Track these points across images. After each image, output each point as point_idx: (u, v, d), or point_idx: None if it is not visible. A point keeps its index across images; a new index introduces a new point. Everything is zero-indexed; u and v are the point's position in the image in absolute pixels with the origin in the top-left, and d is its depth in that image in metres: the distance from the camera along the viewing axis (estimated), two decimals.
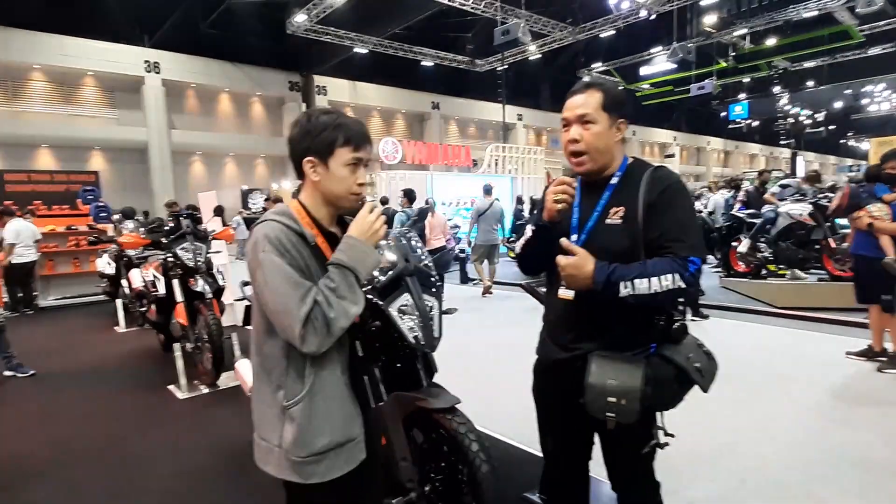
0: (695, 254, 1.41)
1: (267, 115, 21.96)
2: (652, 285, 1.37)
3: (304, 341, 1.23)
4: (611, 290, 1.40)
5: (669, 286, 1.37)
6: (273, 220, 1.31)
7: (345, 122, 1.36)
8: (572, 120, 1.54)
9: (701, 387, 1.50)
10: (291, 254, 1.27)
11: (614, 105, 1.52)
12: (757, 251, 7.35)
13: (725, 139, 37.24)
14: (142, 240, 4.75)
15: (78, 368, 5.07)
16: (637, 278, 1.38)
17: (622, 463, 1.62)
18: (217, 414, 3.80)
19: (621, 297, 1.39)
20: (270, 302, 1.26)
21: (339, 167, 1.35)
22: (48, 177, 10.18)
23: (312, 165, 1.35)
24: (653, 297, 1.38)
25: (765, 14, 18.50)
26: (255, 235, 1.30)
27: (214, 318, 4.17)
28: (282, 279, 1.24)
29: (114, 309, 7.10)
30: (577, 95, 1.54)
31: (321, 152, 1.34)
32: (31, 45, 15.97)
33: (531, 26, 18.18)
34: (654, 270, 1.39)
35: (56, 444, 3.36)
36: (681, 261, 1.39)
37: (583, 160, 1.54)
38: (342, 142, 1.34)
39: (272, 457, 1.35)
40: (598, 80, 1.58)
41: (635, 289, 1.38)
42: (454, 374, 2.32)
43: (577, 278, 1.44)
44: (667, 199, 1.46)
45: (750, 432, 3.11)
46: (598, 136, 1.51)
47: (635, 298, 1.39)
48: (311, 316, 1.22)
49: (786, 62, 25.16)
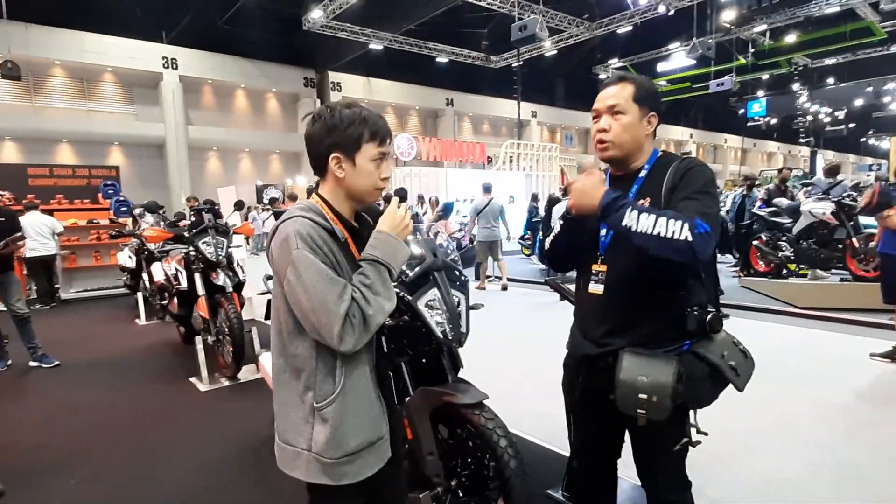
0: (705, 220, 1.33)
1: (282, 112, 22.11)
2: (657, 225, 1.30)
3: (341, 340, 1.19)
4: (614, 213, 1.36)
5: (676, 233, 1.29)
6: (301, 215, 1.27)
7: (368, 116, 1.33)
8: (602, 110, 1.53)
9: (736, 386, 1.49)
10: (323, 250, 1.24)
11: (646, 98, 1.51)
12: (778, 250, 7.25)
13: (743, 137, 36.72)
14: (165, 233, 4.81)
15: (100, 360, 5.16)
16: (644, 213, 1.33)
17: (653, 460, 1.61)
18: (238, 407, 3.84)
19: (624, 227, 1.34)
20: (305, 300, 1.21)
21: (366, 162, 1.32)
22: (70, 171, 10.33)
23: (338, 161, 1.31)
24: (655, 240, 1.31)
25: (785, 10, 18.16)
26: (283, 232, 1.26)
27: (235, 311, 4.21)
28: (318, 276, 1.20)
29: (134, 302, 7.21)
30: (609, 87, 1.54)
31: (348, 148, 1.31)
32: (53, 41, 16.24)
33: (547, 22, 18.04)
34: (664, 213, 1.33)
35: (80, 434, 3.42)
36: (689, 218, 1.32)
37: (607, 146, 1.53)
38: (368, 137, 1.31)
39: (300, 461, 1.30)
40: (632, 75, 1.57)
41: (639, 223, 1.32)
42: (476, 370, 2.32)
43: (586, 195, 1.41)
44: (688, 177, 1.46)
45: (772, 432, 3.07)
46: (627, 127, 1.50)
47: (637, 237, 1.33)
48: (349, 313, 1.20)
49: (806, 59, 24.73)
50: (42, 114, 17.05)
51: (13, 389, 4.38)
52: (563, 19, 19.74)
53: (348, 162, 1.32)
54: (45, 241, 7.92)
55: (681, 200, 1.41)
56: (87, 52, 16.88)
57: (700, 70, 22.05)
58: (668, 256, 1.32)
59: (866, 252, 6.25)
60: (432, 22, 18.52)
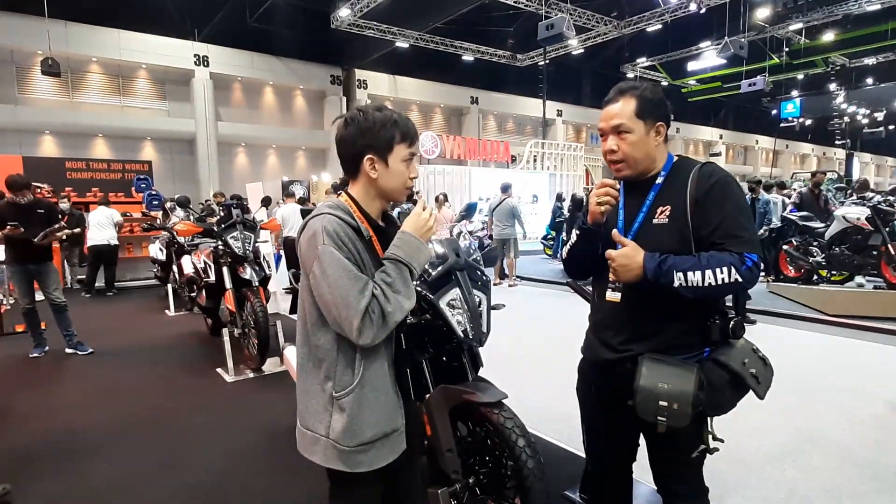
0: (750, 249, 1.37)
1: (308, 109, 22.40)
2: (706, 278, 1.34)
3: (360, 334, 1.25)
4: (663, 280, 1.37)
5: (725, 280, 1.33)
6: (329, 213, 1.33)
7: (399, 118, 1.39)
8: (608, 131, 1.52)
9: (756, 393, 1.47)
10: (348, 247, 1.29)
11: (650, 110, 1.48)
12: (809, 255, 7.07)
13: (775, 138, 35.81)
14: (195, 227, 4.94)
15: (132, 348, 5.33)
16: (690, 271, 1.35)
17: (670, 467, 1.60)
18: (263, 398, 3.93)
19: (675, 288, 1.36)
20: (328, 294, 1.27)
21: (398, 163, 1.38)
22: (105, 165, 10.67)
23: (372, 163, 1.37)
24: (708, 291, 1.35)
25: (823, 8, 17.60)
26: (311, 228, 1.32)
27: (261, 304, 4.31)
28: (341, 272, 1.26)
29: (164, 293, 7.42)
30: (610, 105, 1.52)
31: (381, 149, 1.36)
32: (91, 38, 16.77)
33: (575, 20, 17.87)
34: (708, 263, 1.35)
35: (114, 419, 3.55)
36: (737, 255, 1.35)
37: (621, 167, 1.53)
38: (400, 138, 1.37)
39: (318, 446, 1.37)
40: (633, 85, 1.53)
41: (688, 281, 1.35)
42: (495, 369, 2.34)
43: (628, 269, 1.42)
44: (716, 195, 1.42)
45: (799, 442, 3.01)
46: (635, 146, 1.49)
47: (690, 291, 1.36)
48: (369, 309, 1.25)
49: (843, 58, 23.94)
50: (79, 109, 17.62)
51: (51, 375, 4.56)
52: (591, 17, 19.51)
53: (381, 163, 1.37)
54: (104, 230, 8.37)
55: (718, 236, 1.40)
56: (123, 49, 17.38)
57: (731, 69, 21.56)
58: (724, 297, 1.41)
59: None
60: (458, 20, 18.53)
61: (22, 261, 4.76)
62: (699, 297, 1.37)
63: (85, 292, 8.54)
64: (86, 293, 8.52)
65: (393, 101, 23.71)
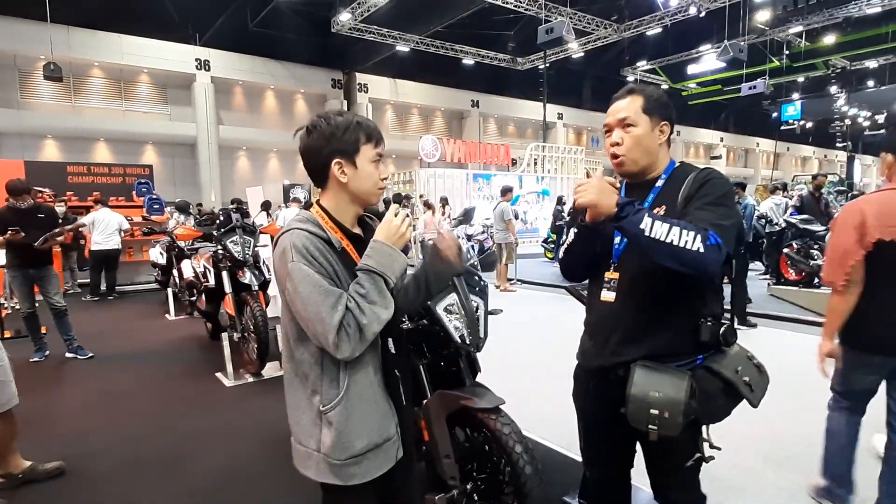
0: (718, 232, 1.32)
1: (310, 112, 22.45)
2: (671, 234, 1.29)
3: (337, 348, 1.24)
4: (631, 216, 1.32)
5: (688, 244, 1.28)
6: (298, 228, 1.31)
7: (361, 120, 1.38)
8: (614, 124, 1.54)
9: (750, 402, 1.46)
10: (319, 261, 1.27)
11: (656, 108, 1.51)
12: (810, 259, 7.06)
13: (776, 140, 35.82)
14: (195, 232, 4.95)
15: (132, 353, 5.33)
16: (659, 221, 1.31)
17: (666, 475, 1.59)
18: (262, 402, 3.93)
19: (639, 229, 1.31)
20: (302, 310, 1.26)
21: (366, 164, 1.37)
22: (106, 169, 10.69)
23: (341, 166, 1.35)
24: (666, 248, 1.29)
25: (823, 11, 17.60)
26: (281, 244, 1.31)
27: (261, 309, 4.31)
28: (312, 288, 1.24)
29: (164, 297, 7.43)
30: (619, 101, 1.55)
31: (348, 152, 1.35)
32: (93, 43, 16.85)
33: (575, 24, 17.92)
34: (679, 224, 1.32)
35: (116, 423, 3.56)
36: (703, 230, 1.31)
37: (622, 160, 1.54)
38: (365, 139, 1.36)
39: (311, 461, 1.37)
40: (640, 86, 1.57)
41: (653, 229, 1.30)
42: (492, 374, 2.33)
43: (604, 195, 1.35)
44: (705, 190, 1.44)
45: (801, 447, 3.00)
46: (639, 139, 1.51)
47: (649, 243, 1.31)
48: (343, 323, 1.23)
49: (844, 61, 23.95)
50: (81, 113, 17.69)
51: (51, 379, 4.56)
52: (590, 21, 19.57)
53: (350, 166, 1.36)
54: (111, 236, 8.39)
55: (696, 210, 1.41)
56: (125, 54, 17.46)
57: (732, 72, 21.58)
58: (677, 267, 1.32)
59: None
60: (459, 24, 18.58)
61: (22, 265, 4.77)
62: (657, 253, 1.32)
63: (91, 296, 8.57)
64: (91, 297, 8.55)
65: (394, 105, 23.79)
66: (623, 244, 1.55)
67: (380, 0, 16.23)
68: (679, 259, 1.30)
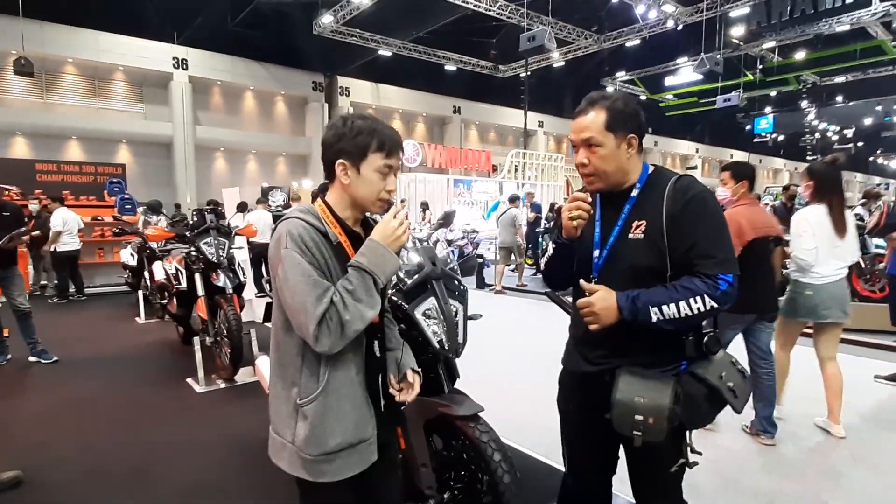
0: (724, 270, 1.36)
1: (290, 115, 22.23)
2: (682, 309, 1.34)
3: (317, 340, 1.24)
4: (641, 317, 1.38)
5: (701, 308, 1.34)
6: (297, 217, 1.32)
7: (380, 128, 1.37)
8: (578, 143, 1.50)
9: (734, 407, 1.46)
10: (312, 252, 1.28)
11: (620, 122, 1.45)
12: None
13: (749, 153, 36.81)
14: (167, 233, 4.81)
15: (99, 357, 5.15)
16: (664, 304, 1.35)
17: (649, 481, 1.58)
18: (234, 409, 3.82)
19: (654, 323, 1.37)
20: (288, 298, 1.27)
21: (371, 172, 1.35)
22: (77, 168, 10.40)
23: (344, 168, 1.35)
24: (686, 321, 1.36)
25: (795, 27, 18.16)
26: (279, 231, 1.32)
27: (234, 313, 4.20)
28: (301, 277, 1.25)
29: (135, 300, 7.22)
30: (581, 116, 1.49)
31: (354, 155, 1.34)
32: (67, 39, 16.42)
33: (556, 33, 18.13)
34: (681, 294, 1.35)
35: (80, 431, 3.41)
36: (709, 280, 1.35)
37: (592, 180, 1.52)
38: (375, 147, 1.35)
39: (285, 452, 1.36)
40: (603, 95, 1.49)
41: (664, 314, 1.35)
42: (472, 380, 2.29)
43: (605, 316, 1.41)
44: (692, 211, 1.40)
45: (777, 453, 3.03)
46: (605, 159, 1.46)
47: (670, 324, 1.36)
48: (326, 316, 1.23)
49: (815, 76, 24.72)
50: (53, 110, 17.19)
51: (12, 385, 4.37)
52: (571, 31, 19.83)
53: (353, 169, 1.35)
54: (75, 236, 8.19)
55: (693, 256, 1.39)
56: (100, 51, 17.04)
57: (707, 85, 22.09)
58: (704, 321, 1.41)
59: (872, 272, 6.19)
60: (442, 30, 18.65)
61: None
62: (680, 327, 1.38)
63: (58, 298, 8.31)
64: (59, 299, 8.29)
65: (375, 109, 23.70)
66: (602, 258, 1.53)
67: (363, 3, 16.18)
68: (703, 319, 1.39)
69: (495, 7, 17.29)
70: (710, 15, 16.84)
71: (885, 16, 16.30)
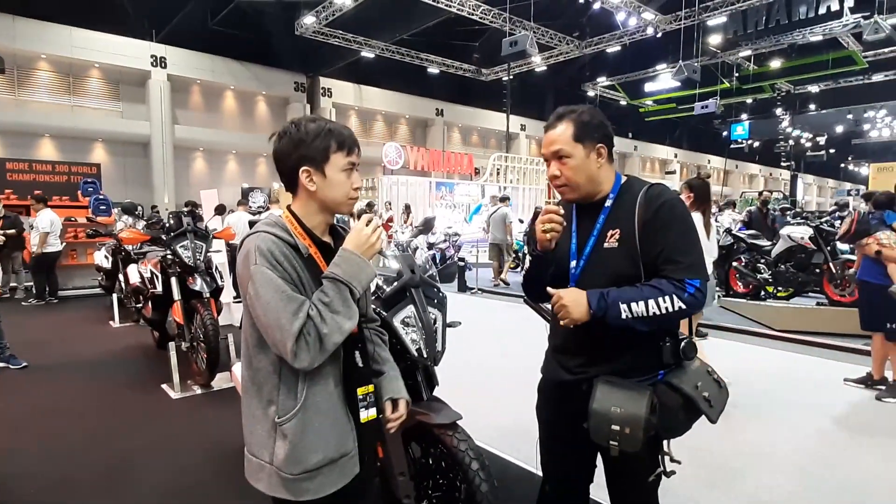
0: (691, 275, 1.38)
1: (271, 115, 21.99)
2: (650, 308, 1.36)
3: (296, 357, 1.20)
4: (611, 313, 1.39)
5: (669, 308, 1.36)
6: (265, 231, 1.28)
7: (335, 127, 1.34)
8: (549, 156, 1.53)
9: (708, 417, 1.46)
10: (283, 266, 1.24)
11: (587, 133, 1.48)
12: (756, 272, 7.36)
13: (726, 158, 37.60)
14: (142, 235, 4.71)
15: (71, 362, 5.02)
16: (633, 301, 1.37)
17: (626, 490, 1.59)
18: (210, 415, 3.75)
19: (624, 321, 1.38)
20: (262, 316, 1.22)
21: (336, 173, 1.33)
22: (49, 167, 10.12)
23: (309, 175, 1.32)
24: (655, 321, 1.37)
25: (770, 37, 18.64)
26: (246, 247, 1.27)
27: (211, 317, 4.13)
28: (273, 293, 1.21)
29: (109, 303, 7.06)
30: (550, 130, 1.53)
31: (316, 160, 1.31)
32: (40, 34, 16.02)
33: (538, 38, 18.29)
34: (650, 293, 1.37)
35: (48, 439, 3.31)
36: (677, 283, 1.37)
37: (565, 191, 1.54)
38: (336, 147, 1.32)
39: (263, 473, 1.31)
40: (571, 109, 1.52)
41: (633, 312, 1.37)
42: (451, 387, 2.29)
43: (575, 311, 1.41)
44: (662, 218, 1.43)
45: (751, 457, 3.08)
46: (576, 170, 1.49)
47: (640, 322, 1.38)
48: (303, 331, 1.19)
49: (789, 85, 25.39)
50: (25, 107, 16.74)
51: None
52: (553, 36, 20.03)
53: (318, 174, 1.32)
54: (58, 238, 8.10)
55: (658, 252, 1.42)
56: (76, 48, 16.66)
57: (685, 92, 22.48)
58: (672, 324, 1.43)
59: (843, 277, 6.36)
60: (424, 32, 18.65)
61: None
62: (651, 327, 1.39)
63: (36, 300, 8.14)
64: (37, 301, 8.12)
65: (358, 111, 23.61)
66: (579, 269, 1.55)
67: (345, 5, 16.11)
68: (667, 322, 1.40)
69: (478, 11, 17.37)
70: (688, 23, 17.17)
71: (855, 27, 16.78)
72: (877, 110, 27.11)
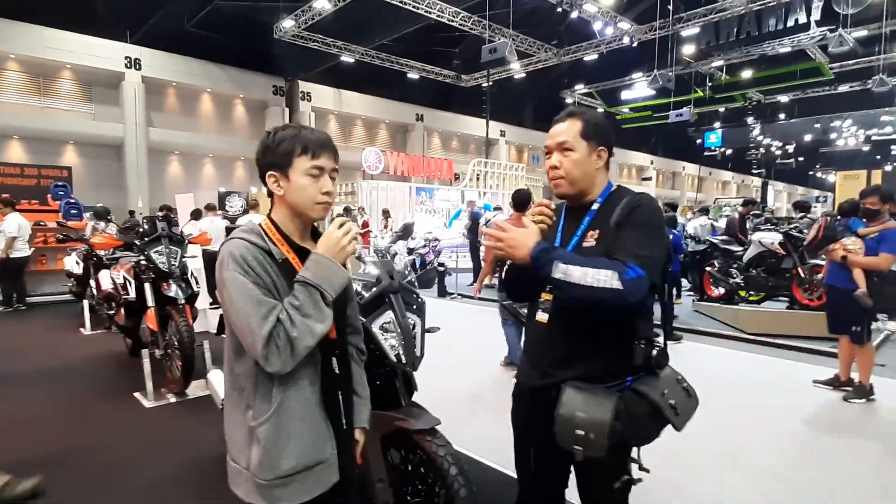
0: (638, 263, 1.36)
1: (249, 118, 21.74)
2: (587, 276, 1.33)
3: (266, 360, 1.21)
4: (544, 264, 1.37)
5: (604, 283, 1.32)
6: (239, 237, 1.30)
7: (303, 132, 1.35)
8: (553, 147, 1.57)
9: (673, 425, 1.47)
10: (256, 272, 1.25)
11: (594, 133, 1.54)
12: (729, 277, 7.53)
13: (700, 165, 38.46)
14: (114, 240, 4.61)
15: (40, 371, 4.87)
16: (572, 264, 1.36)
17: (594, 496, 1.59)
18: (185, 425, 3.68)
19: (554, 278, 1.36)
20: (235, 321, 1.25)
21: (300, 177, 1.33)
22: (18, 170, 9.84)
23: (275, 179, 1.34)
24: (585, 290, 1.34)
25: (741, 48, 19.21)
26: (221, 254, 1.30)
27: (186, 324, 4.05)
28: (244, 298, 1.23)
29: (80, 310, 6.87)
30: (559, 124, 1.58)
31: (281, 165, 1.33)
32: (9, 34, 15.57)
33: (517, 45, 18.49)
34: (591, 263, 1.36)
35: (15, 453, 3.20)
36: (622, 263, 1.36)
37: (559, 182, 1.57)
38: (299, 151, 1.33)
39: (241, 479, 1.32)
40: (581, 110, 1.60)
41: (568, 274, 1.35)
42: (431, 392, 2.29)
43: (517, 249, 1.40)
44: (633, 218, 1.46)
45: (723, 459, 3.14)
46: (577, 163, 1.54)
47: (568, 287, 1.36)
48: (273, 334, 1.20)
49: (759, 94, 26.15)
50: None
51: None
52: (532, 44, 20.28)
53: (283, 178, 1.34)
54: (27, 242, 7.89)
55: (619, 243, 1.43)
56: (46, 48, 16.23)
57: (661, 100, 22.98)
58: (601, 304, 1.37)
59: (811, 282, 6.55)
60: (405, 38, 18.70)
61: None
62: (579, 296, 1.37)
63: (4, 307, 7.90)
64: (5, 308, 7.89)
65: (337, 115, 23.49)
66: None
67: (325, 9, 16.05)
68: (597, 298, 1.35)
69: (458, 18, 17.49)
70: (662, 34, 17.56)
71: (822, 39, 17.40)
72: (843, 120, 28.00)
